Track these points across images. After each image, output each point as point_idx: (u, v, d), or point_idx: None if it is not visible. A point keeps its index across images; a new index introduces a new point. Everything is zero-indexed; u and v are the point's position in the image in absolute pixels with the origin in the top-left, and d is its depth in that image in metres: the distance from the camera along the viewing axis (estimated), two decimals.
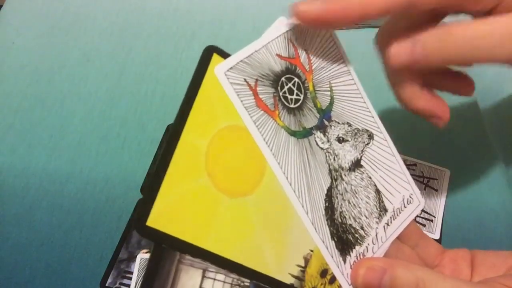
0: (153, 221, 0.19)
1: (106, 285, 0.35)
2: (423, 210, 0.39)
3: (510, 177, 0.43)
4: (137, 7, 0.53)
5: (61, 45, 0.50)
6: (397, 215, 0.27)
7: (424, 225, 0.38)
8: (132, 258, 0.36)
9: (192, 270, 0.21)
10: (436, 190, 0.40)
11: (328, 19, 0.23)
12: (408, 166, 0.41)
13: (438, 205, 0.40)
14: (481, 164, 0.44)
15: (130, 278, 0.35)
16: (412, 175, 0.41)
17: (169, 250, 0.23)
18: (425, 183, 0.41)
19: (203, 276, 0.22)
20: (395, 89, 0.27)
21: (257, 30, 0.52)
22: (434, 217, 0.39)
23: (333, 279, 0.25)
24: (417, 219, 0.39)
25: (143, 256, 0.36)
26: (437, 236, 0.38)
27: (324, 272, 0.24)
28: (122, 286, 0.35)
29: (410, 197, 0.28)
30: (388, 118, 0.31)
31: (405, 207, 0.28)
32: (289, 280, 0.23)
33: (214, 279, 0.22)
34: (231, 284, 0.23)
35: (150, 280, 0.20)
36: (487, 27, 0.22)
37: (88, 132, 0.44)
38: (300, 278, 0.23)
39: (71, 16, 0.52)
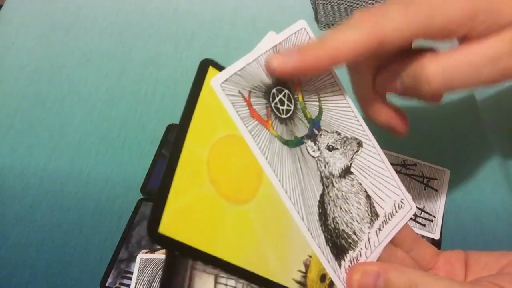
0: (164, 228, 0.19)
1: (106, 285, 0.35)
2: (423, 210, 0.39)
3: (510, 177, 0.43)
4: (137, 7, 0.53)
5: (61, 45, 0.50)
6: (389, 219, 0.28)
7: (424, 225, 0.39)
8: (132, 258, 0.36)
9: (205, 276, 0.22)
10: (436, 190, 0.40)
11: (302, 71, 0.25)
12: (408, 166, 0.41)
13: (438, 205, 0.40)
14: (481, 164, 0.44)
15: (130, 278, 0.35)
16: (412, 175, 0.41)
17: (182, 257, 0.23)
18: (425, 183, 0.41)
19: (216, 282, 0.22)
20: (361, 106, 0.30)
21: (257, 30, 0.52)
22: (434, 217, 0.39)
23: (332, 284, 0.25)
24: (417, 219, 0.39)
25: (143, 256, 0.36)
26: (437, 236, 0.38)
27: (323, 277, 0.25)
28: (122, 286, 0.35)
29: (401, 202, 0.29)
30: None
31: (396, 211, 0.29)
32: (293, 285, 0.23)
33: (226, 285, 0.22)
34: None
35: (167, 286, 0.20)
36: (461, 58, 0.24)
37: (88, 132, 0.44)
38: (302, 283, 0.24)
39: (71, 16, 0.52)
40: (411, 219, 0.39)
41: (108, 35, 0.51)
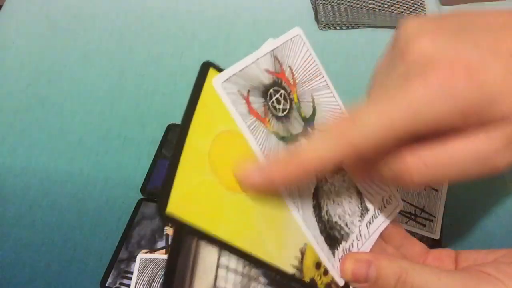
0: (171, 209, 0.21)
1: (106, 285, 0.35)
2: (423, 210, 0.39)
3: (510, 177, 0.43)
4: (137, 7, 0.53)
5: (61, 45, 0.50)
6: (378, 214, 0.30)
7: (424, 225, 0.38)
8: (132, 258, 0.36)
9: (210, 246, 0.23)
10: (436, 190, 0.40)
11: (272, 185, 0.24)
12: None
13: (438, 205, 0.40)
14: None
15: (130, 278, 0.35)
16: None
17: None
18: None
19: (220, 255, 0.24)
20: None
21: (257, 30, 0.52)
22: (434, 217, 0.39)
23: (327, 271, 0.27)
24: (417, 219, 0.39)
25: (143, 256, 0.36)
26: (437, 236, 0.38)
27: (318, 265, 0.26)
28: (122, 286, 0.35)
29: (390, 198, 0.31)
30: None
31: (385, 207, 0.30)
32: (291, 270, 0.25)
33: (230, 254, 0.24)
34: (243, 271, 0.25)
35: (175, 255, 0.22)
36: (446, 154, 0.22)
37: (88, 132, 0.44)
38: (299, 269, 0.25)
39: (71, 16, 0.52)
40: (411, 218, 0.39)
41: (108, 35, 0.51)
